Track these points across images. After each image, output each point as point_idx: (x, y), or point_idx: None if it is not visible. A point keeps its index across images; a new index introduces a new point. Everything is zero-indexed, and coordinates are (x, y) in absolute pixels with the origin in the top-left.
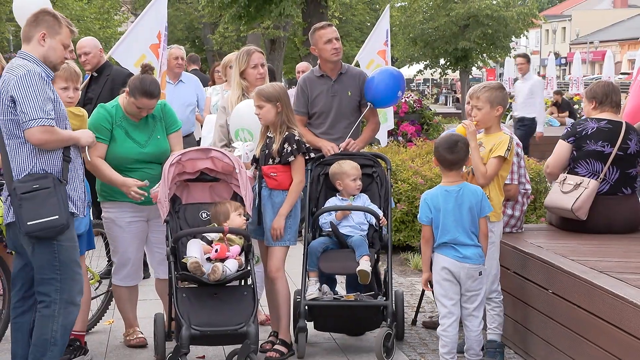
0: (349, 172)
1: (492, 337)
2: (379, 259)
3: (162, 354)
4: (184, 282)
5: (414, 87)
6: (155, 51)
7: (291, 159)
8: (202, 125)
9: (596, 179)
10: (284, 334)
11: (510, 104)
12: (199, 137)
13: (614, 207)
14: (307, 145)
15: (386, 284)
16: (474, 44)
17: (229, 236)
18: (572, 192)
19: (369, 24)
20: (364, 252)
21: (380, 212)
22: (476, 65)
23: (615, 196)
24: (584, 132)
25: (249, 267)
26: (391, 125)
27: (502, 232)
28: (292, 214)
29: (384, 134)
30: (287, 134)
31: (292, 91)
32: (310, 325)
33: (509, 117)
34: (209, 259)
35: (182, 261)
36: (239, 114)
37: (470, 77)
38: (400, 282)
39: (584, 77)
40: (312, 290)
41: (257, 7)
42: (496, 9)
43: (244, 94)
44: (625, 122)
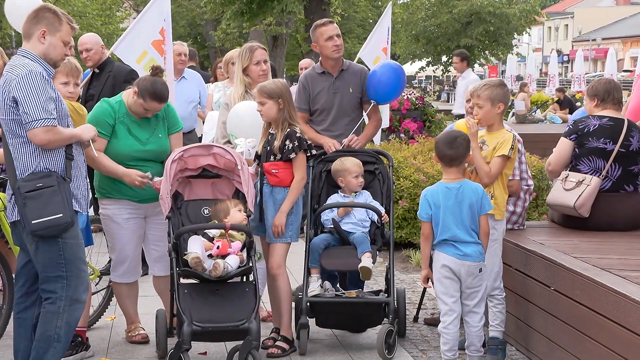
0: (350, 169)
1: (494, 334)
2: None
3: (164, 350)
4: (185, 278)
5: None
6: (158, 47)
7: (292, 155)
8: (204, 121)
9: (598, 176)
10: (286, 331)
11: (512, 101)
12: (201, 134)
13: (616, 204)
14: (309, 142)
15: (388, 281)
16: (476, 41)
17: (230, 232)
18: (575, 190)
19: (371, 21)
20: (366, 249)
21: (382, 209)
22: (478, 62)
23: (617, 193)
24: (586, 130)
25: (250, 264)
26: (386, 124)
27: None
28: (293, 210)
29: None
30: (288, 130)
31: (294, 88)
32: (312, 321)
33: (510, 114)
34: (210, 256)
35: (184, 257)
36: (237, 115)
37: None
38: (402, 279)
39: (586, 74)
40: (314, 287)
41: (260, 4)
42: (498, 6)
43: (247, 90)
44: (627, 119)
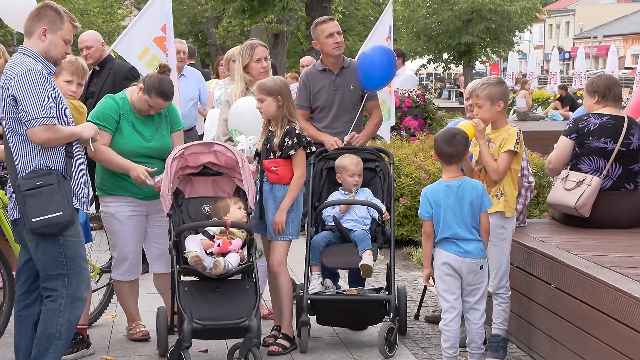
0: (347, 167)
1: (497, 331)
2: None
3: (165, 348)
4: (186, 276)
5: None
6: (160, 44)
7: (292, 152)
8: (204, 119)
9: (599, 176)
10: (287, 328)
11: (513, 98)
12: (202, 132)
13: (617, 202)
14: (308, 138)
15: (389, 278)
16: (477, 38)
17: (230, 230)
18: (575, 190)
19: (372, 18)
20: (366, 247)
21: (383, 207)
22: (479, 59)
23: (618, 192)
24: (587, 129)
25: (251, 261)
26: (393, 121)
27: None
28: (294, 208)
29: (387, 130)
30: (287, 127)
31: (295, 85)
32: (313, 319)
33: (512, 111)
34: (211, 254)
35: (184, 256)
36: (237, 111)
37: (473, 71)
38: (403, 277)
39: (587, 71)
40: (315, 284)
41: (261, 1)
42: (500, 3)
43: (248, 87)
44: (627, 116)
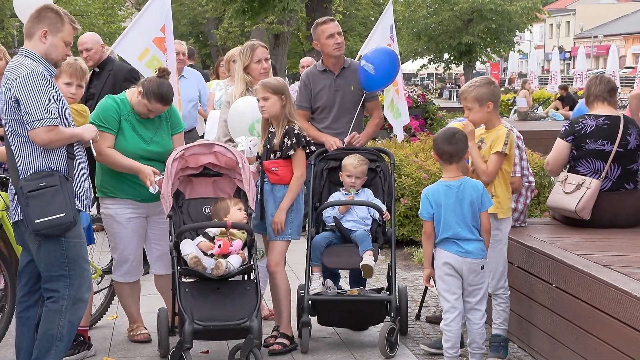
0: (347, 167)
1: (497, 331)
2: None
3: (166, 349)
4: (187, 277)
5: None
6: (160, 45)
7: (291, 152)
8: (205, 119)
9: (598, 178)
10: (285, 328)
11: (514, 98)
12: (202, 132)
13: (617, 203)
14: (308, 138)
15: (390, 278)
16: (477, 38)
17: (231, 231)
18: (575, 193)
19: (372, 19)
20: (367, 247)
21: (383, 207)
22: (480, 59)
23: (618, 192)
24: (583, 131)
25: (252, 262)
26: (406, 120)
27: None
28: (294, 208)
29: (400, 128)
30: (287, 128)
31: (295, 86)
32: (314, 320)
33: (512, 111)
34: (211, 255)
35: (183, 257)
36: (237, 111)
37: (474, 71)
38: (404, 277)
39: (588, 71)
40: (316, 285)
41: (261, 2)
42: (500, 3)
43: (248, 88)
44: (623, 115)
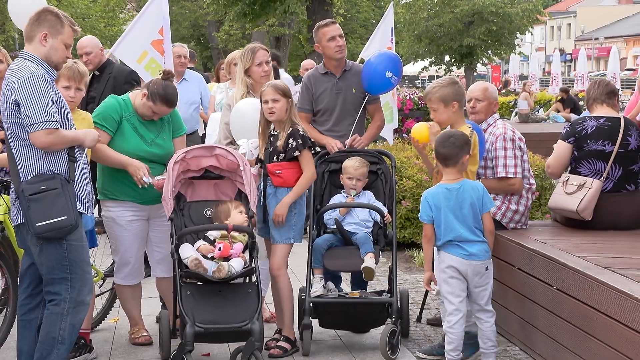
0: (347, 169)
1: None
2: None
3: (167, 352)
4: (188, 279)
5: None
6: (158, 47)
7: (296, 153)
8: (204, 123)
9: (599, 179)
10: (288, 331)
11: (515, 100)
12: (202, 133)
13: (619, 204)
14: (312, 139)
15: (391, 281)
16: (478, 40)
17: (232, 233)
18: (576, 193)
19: (373, 21)
20: (368, 249)
21: (384, 209)
22: (481, 62)
23: (619, 193)
24: (584, 132)
25: (253, 265)
26: (396, 124)
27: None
28: (297, 211)
29: (389, 132)
30: (291, 129)
31: (297, 88)
32: (315, 322)
33: (514, 113)
34: (212, 258)
35: (183, 260)
36: (239, 112)
37: (475, 73)
38: (405, 279)
39: (589, 73)
40: (317, 287)
41: (262, 5)
42: (501, 5)
43: (249, 91)
44: (623, 117)
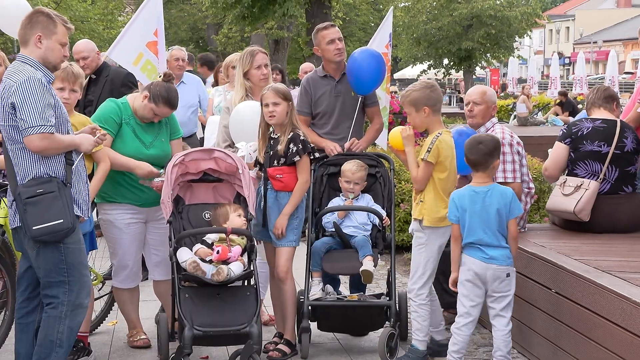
0: (345, 173)
1: (414, 342)
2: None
3: (166, 355)
4: (187, 282)
5: None
6: (153, 49)
7: (297, 158)
8: (203, 125)
9: (596, 180)
10: (290, 335)
11: (514, 103)
12: (200, 137)
13: (617, 206)
14: (312, 145)
15: (390, 284)
16: (477, 44)
17: (230, 237)
18: (573, 194)
19: (372, 24)
20: (367, 252)
21: (383, 212)
22: (480, 65)
23: (617, 195)
24: (580, 133)
25: (251, 268)
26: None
27: (444, 242)
28: (298, 215)
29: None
30: (292, 134)
31: (295, 92)
32: (313, 325)
33: (512, 117)
34: (210, 261)
35: (181, 264)
36: (239, 115)
37: (474, 77)
38: (403, 282)
39: (587, 76)
40: (316, 290)
41: (261, 8)
42: (499, 9)
43: (248, 94)
44: (620, 120)
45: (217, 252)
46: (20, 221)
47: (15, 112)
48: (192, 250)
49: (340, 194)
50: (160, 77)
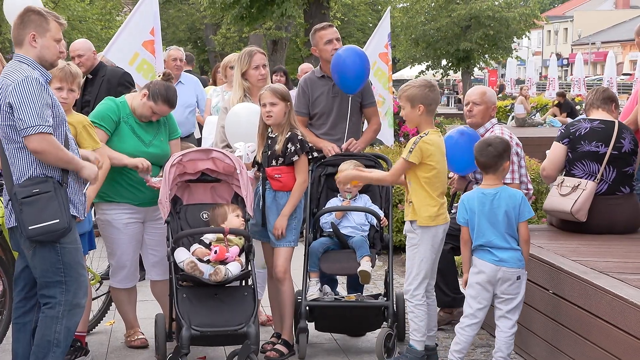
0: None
1: (411, 342)
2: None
3: (163, 355)
4: (184, 282)
5: None
6: (149, 47)
7: (295, 158)
8: (200, 126)
9: (593, 180)
10: (288, 335)
11: (512, 104)
12: (198, 137)
13: (614, 207)
14: (310, 145)
15: (387, 284)
16: (475, 44)
17: (228, 237)
18: (571, 195)
19: (370, 25)
20: (364, 253)
21: (381, 213)
22: (478, 66)
23: (614, 196)
24: (578, 133)
25: (249, 268)
26: (390, 142)
27: (438, 241)
28: (297, 215)
29: (390, 134)
30: (290, 134)
31: (293, 92)
32: (311, 326)
33: (510, 117)
34: (208, 261)
35: (179, 264)
36: (236, 116)
37: (472, 77)
38: (401, 283)
39: (585, 77)
40: (313, 290)
41: (259, 8)
42: (498, 9)
43: (246, 94)
44: (617, 121)
45: (215, 252)
46: (16, 221)
47: (12, 112)
48: (189, 250)
49: (338, 195)
50: (158, 75)
